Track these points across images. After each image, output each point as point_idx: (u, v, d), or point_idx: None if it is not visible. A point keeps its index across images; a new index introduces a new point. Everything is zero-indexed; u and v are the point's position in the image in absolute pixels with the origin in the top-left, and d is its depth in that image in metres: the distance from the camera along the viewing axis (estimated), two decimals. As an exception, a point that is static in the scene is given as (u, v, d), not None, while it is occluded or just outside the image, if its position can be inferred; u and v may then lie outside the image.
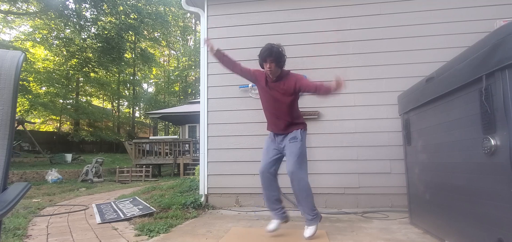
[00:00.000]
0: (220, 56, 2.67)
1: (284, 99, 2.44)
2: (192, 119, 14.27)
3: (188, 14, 25.70)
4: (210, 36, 4.18)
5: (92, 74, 20.88)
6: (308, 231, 2.42)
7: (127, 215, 3.37)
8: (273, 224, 2.52)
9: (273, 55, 2.35)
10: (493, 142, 1.55)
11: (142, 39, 24.63)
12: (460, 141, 1.92)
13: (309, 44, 3.95)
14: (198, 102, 4.84)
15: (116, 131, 24.10)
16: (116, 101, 26.19)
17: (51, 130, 21.02)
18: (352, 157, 3.72)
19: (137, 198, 4.48)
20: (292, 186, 2.42)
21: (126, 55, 22.63)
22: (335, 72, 3.83)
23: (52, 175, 9.74)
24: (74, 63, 19.28)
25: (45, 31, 18.04)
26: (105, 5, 19.55)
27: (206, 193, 3.99)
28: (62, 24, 18.32)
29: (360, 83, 3.80)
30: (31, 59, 17.32)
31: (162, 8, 24.71)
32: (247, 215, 3.45)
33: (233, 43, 4.13)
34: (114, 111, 25.79)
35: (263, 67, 2.48)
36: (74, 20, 18.47)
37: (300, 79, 2.47)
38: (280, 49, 2.40)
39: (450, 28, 3.68)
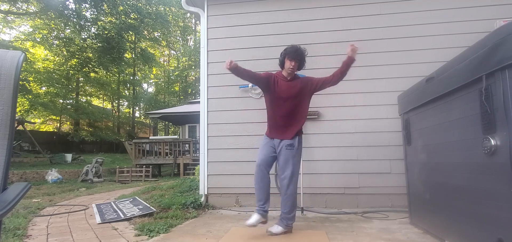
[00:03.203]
0: (237, 69, 2.63)
1: (303, 94, 2.57)
2: (192, 119, 14.27)
3: (188, 14, 25.68)
4: (210, 36, 4.19)
5: (92, 74, 20.86)
6: (277, 228, 2.52)
7: (127, 215, 3.37)
8: (253, 219, 2.54)
9: (301, 56, 2.50)
10: (493, 142, 1.55)
11: (142, 39, 24.63)
12: (460, 141, 1.92)
13: (309, 44, 3.90)
14: (198, 102, 4.84)
15: (116, 131, 24.08)
16: (116, 101, 26.18)
17: (51, 130, 21.02)
18: (352, 157, 3.72)
19: (137, 198, 4.48)
20: (281, 187, 2.57)
21: (126, 55, 22.61)
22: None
23: (52, 175, 9.74)
24: (74, 63, 19.27)
25: (45, 31, 18.03)
26: (105, 5, 19.55)
27: (206, 193, 3.99)
28: (62, 24, 18.32)
29: (360, 83, 3.80)
30: (31, 59, 17.31)
31: (162, 8, 24.70)
32: (247, 215, 3.43)
33: (233, 43, 4.14)
34: (114, 111, 25.78)
35: (283, 65, 2.58)
36: (74, 20, 18.45)
37: (311, 78, 2.61)
38: (306, 53, 2.55)
39: (450, 28, 3.68)
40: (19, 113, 15.18)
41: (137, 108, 28.28)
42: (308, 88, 2.59)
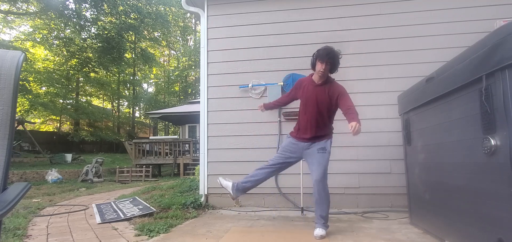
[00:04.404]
0: (271, 106, 2.88)
1: (326, 103, 2.51)
2: (192, 119, 14.27)
3: (188, 14, 25.71)
4: (210, 36, 4.19)
5: (92, 74, 20.87)
6: (318, 231, 2.46)
7: (127, 215, 3.37)
8: (229, 183, 2.69)
9: (333, 59, 2.40)
10: (493, 142, 1.55)
11: (142, 39, 24.63)
12: (460, 141, 1.92)
13: (309, 44, 3.94)
14: (198, 102, 4.84)
15: (116, 131, 24.08)
16: (116, 101, 26.18)
17: (51, 130, 21.02)
18: (352, 157, 3.72)
19: (137, 198, 4.48)
20: (315, 192, 2.51)
21: (126, 55, 22.62)
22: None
23: (52, 175, 9.74)
24: (74, 63, 19.27)
25: (45, 31, 18.03)
26: (105, 5, 19.55)
27: (206, 193, 3.99)
28: (62, 24, 18.32)
29: (360, 83, 3.79)
30: (31, 59, 17.31)
31: (162, 8, 24.70)
32: (247, 215, 3.45)
33: (233, 43, 4.14)
34: (114, 111, 25.78)
35: (314, 67, 2.50)
36: (74, 20, 18.45)
37: (343, 94, 2.48)
38: (340, 56, 2.44)
39: (450, 28, 3.67)
40: (19, 113, 15.19)
41: (137, 108, 28.30)
42: (334, 99, 2.49)
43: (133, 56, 23.90)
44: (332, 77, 2.58)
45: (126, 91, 26.26)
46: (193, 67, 26.20)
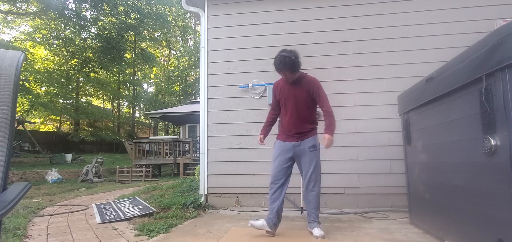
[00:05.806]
0: (268, 129, 2.85)
1: (304, 99, 2.54)
2: (192, 119, 14.27)
3: (188, 14, 25.68)
4: (210, 36, 4.19)
5: (92, 74, 20.86)
6: (318, 231, 2.46)
7: (127, 215, 3.37)
8: (260, 223, 2.50)
9: (287, 67, 2.45)
10: (493, 142, 1.55)
11: (142, 39, 24.62)
12: (460, 141, 1.92)
13: (309, 44, 3.95)
14: (198, 102, 4.84)
15: (116, 131, 24.07)
16: (116, 101, 26.17)
17: (51, 130, 21.00)
18: (352, 157, 3.72)
19: (137, 198, 4.48)
20: (309, 188, 2.54)
21: (126, 55, 22.60)
22: (335, 72, 3.86)
23: (52, 175, 9.74)
24: (74, 63, 19.27)
25: (45, 31, 18.02)
26: (105, 5, 19.55)
27: (206, 193, 3.99)
28: (62, 24, 18.31)
29: (360, 83, 3.80)
30: (31, 59, 17.31)
31: (162, 8, 24.70)
32: (247, 215, 3.44)
33: (233, 43, 4.14)
34: (114, 111, 25.77)
35: (280, 73, 2.58)
36: (74, 20, 18.45)
37: (317, 87, 2.54)
38: (293, 58, 2.45)
39: (450, 28, 3.68)
40: (19, 113, 15.17)
41: (137, 108, 28.29)
42: (311, 94, 2.54)
43: (133, 56, 23.89)
44: (304, 72, 2.60)
45: (126, 91, 26.25)
46: (193, 67, 26.19)
